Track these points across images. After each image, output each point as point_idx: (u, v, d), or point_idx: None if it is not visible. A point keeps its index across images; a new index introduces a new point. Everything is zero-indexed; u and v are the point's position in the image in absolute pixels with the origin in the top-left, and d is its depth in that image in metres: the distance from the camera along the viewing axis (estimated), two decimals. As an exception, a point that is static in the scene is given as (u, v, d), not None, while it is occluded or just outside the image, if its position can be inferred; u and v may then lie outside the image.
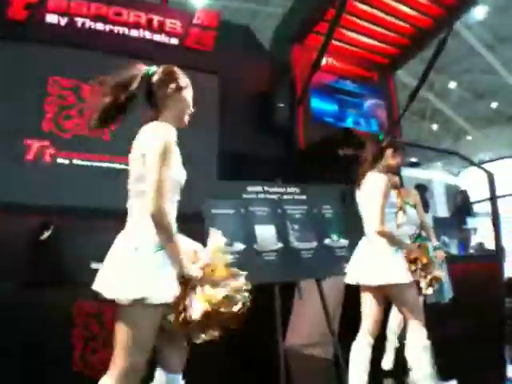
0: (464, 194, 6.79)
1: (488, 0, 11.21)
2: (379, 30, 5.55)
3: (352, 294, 3.25)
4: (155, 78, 1.71)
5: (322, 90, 5.44)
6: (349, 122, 5.54)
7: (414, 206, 3.44)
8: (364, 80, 5.89)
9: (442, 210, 7.19)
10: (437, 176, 11.28)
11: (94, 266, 3.31)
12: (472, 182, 11.29)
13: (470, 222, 6.27)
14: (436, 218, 5.54)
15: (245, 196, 3.29)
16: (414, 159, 7.52)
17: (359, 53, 5.84)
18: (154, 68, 1.73)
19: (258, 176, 3.48)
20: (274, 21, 5.91)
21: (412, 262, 2.59)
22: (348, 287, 3.89)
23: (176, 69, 1.86)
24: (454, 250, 5.39)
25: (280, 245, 3.21)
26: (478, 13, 11.55)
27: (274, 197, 3.37)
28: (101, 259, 3.27)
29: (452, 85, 15.53)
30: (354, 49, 5.76)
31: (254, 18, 10.37)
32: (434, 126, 18.19)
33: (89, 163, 4.30)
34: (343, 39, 5.59)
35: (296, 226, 3.34)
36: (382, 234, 2.41)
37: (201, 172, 4.63)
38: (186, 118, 1.86)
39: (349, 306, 3.82)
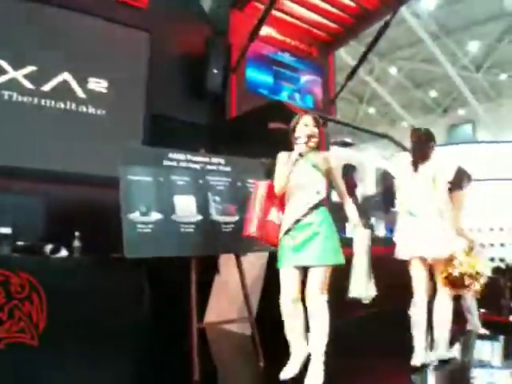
0: (392, 177, 6.89)
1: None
2: (323, 5, 5.46)
3: (273, 271, 3.22)
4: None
5: (258, 60, 5.31)
6: (283, 96, 5.44)
7: None
8: (303, 55, 5.79)
9: (370, 192, 7.28)
10: (368, 158, 11.44)
11: (1, 231, 3.07)
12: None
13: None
14: (364, 197, 5.58)
15: (166, 163, 3.13)
16: (348, 139, 7.54)
17: (301, 27, 5.74)
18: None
19: (185, 143, 3.32)
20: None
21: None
22: (270, 264, 3.89)
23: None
24: (380, 233, 5.44)
25: (200, 217, 3.08)
26: (428, 3, 11.67)
27: (197, 166, 3.23)
28: (8, 223, 3.06)
29: (392, 70, 15.77)
30: (296, 22, 5.66)
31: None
32: (371, 110, 18.50)
33: None
34: (285, 11, 5.46)
35: (218, 198, 3.21)
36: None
37: (125, 135, 4.50)
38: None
39: (269, 282, 3.79)
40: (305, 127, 2.81)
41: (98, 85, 4.35)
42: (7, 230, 3.08)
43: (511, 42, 13.09)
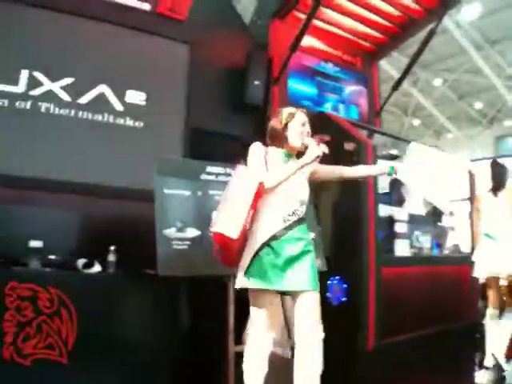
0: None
1: (480, 1, 11.05)
2: (366, 14, 5.24)
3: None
4: None
5: (301, 71, 5.14)
6: (327, 107, 5.25)
7: None
8: (346, 65, 5.60)
9: (417, 206, 6.96)
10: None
11: (32, 244, 3.00)
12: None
13: (447, 221, 6.04)
14: (411, 214, 5.29)
15: (203, 177, 3.00)
16: (394, 152, 7.28)
17: (343, 37, 5.54)
18: None
19: (225, 157, 3.19)
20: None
21: None
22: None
23: None
24: (427, 249, 5.09)
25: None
26: (470, 13, 11.35)
27: (234, 180, 3.09)
28: (40, 237, 2.98)
29: (437, 82, 15.47)
30: (339, 32, 5.46)
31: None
32: (416, 122, 18.17)
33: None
34: (327, 20, 5.28)
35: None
36: None
37: (165, 148, 4.43)
38: None
39: None
40: (302, 126, 2.52)
41: (136, 97, 4.27)
42: (38, 244, 3.00)
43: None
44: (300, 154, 2.46)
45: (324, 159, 2.46)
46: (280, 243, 2.33)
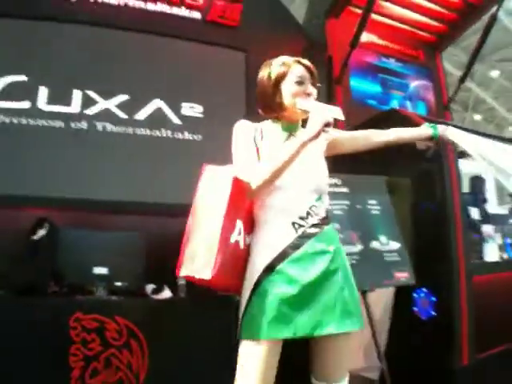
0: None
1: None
2: (425, 3, 4.95)
3: (400, 309, 2.80)
4: None
5: (362, 68, 4.86)
6: (393, 105, 4.92)
7: None
8: (409, 59, 5.28)
9: (493, 203, 6.53)
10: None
11: (96, 271, 2.86)
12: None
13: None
14: (493, 214, 4.88)
15: (274, 188, 2.76)
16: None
17: (403, 29, 5.23)
18: None
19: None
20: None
21: None
22: (398, 297, 3.42)
23: None
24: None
25: (319, 248, 2.67)
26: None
27: (311, 189, 2.82)
28: (104, 263, 2.84)
29: (494, 73, 14.96)
30: (398, 24, 5.16)
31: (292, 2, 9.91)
32: (477, 117, 17.59)
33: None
34: (385, 13, 5.00)
35: (337, 225, 2.77)
36: None
37: (227, 160, 4.20)
38: None
39: (398, 321, 3.36)
40: (298, 83, 1.78)
41: (193, 110, 4.13)
42: (103, 271, 2.86)
43: None
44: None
45: (394, 161, 2.09)
46: (293, 263, 1.62)
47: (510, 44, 12.90)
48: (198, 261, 1.54)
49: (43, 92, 3.71)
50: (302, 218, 1.66)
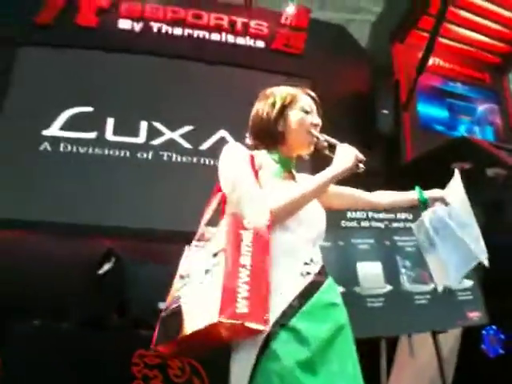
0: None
1: None
2: (490, 24, 4.83)
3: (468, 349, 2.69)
4: None
5: (429, 93, 4.77)
6: (461, 130, 4.79)
7: None
8: (476, 82, 5.14)
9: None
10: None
11: (161, 306, 2.88)
12: None
13: None
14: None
15: (344, 224, 2.73)
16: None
17: (468, 51, 5.12)
18: None
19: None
20: (367, 28, 5.29)
21: None
22: (466, 335, 3.30)
23: None
24: None
25: (389, 287, 2.59)
26: None
27: (381, 225, 2.77)
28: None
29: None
30: (463, 46, 5.06)
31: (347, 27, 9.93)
32: None
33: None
34: (450, 36, 4.91)
35: (408, 263, 2.70)
36: None
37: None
38: None
39: (464, 362, 3.24)
40: (308, 114, 1.58)
41: None
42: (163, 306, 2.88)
43: None
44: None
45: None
46: (303, 318, 1.31)
47: None
48: (240, 303, 1.18)
49: (110, 123, 3.84)
50: (307, 264, 1.39)
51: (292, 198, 1.36)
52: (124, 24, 4.00)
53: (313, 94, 1.64)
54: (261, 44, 4.33)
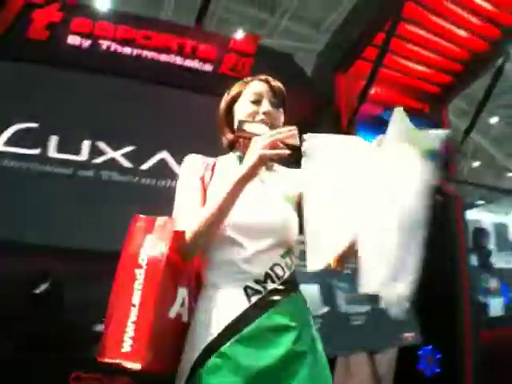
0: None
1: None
2: (431, 55, 5.07)
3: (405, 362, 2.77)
4: None
5: (368, 122, 4.93)
6: (399, 159, 4.97)
7: None
8: (415, 112, 5.34)
9: (496, 256, 6.51)
10: (485, 216, 10.58)
11: (97, 329, 2.83)
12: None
13: None
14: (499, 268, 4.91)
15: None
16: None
17: (409, 81, 5.32)
18: None
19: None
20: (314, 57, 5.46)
21: None
22: (402, 354, 3.40)
23: None
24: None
25: (325, 309, 2.66)
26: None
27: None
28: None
29: (493, 120, 15.14)
30: (404, 76, 5.25)
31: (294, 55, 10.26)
32: (476, 163, 17.72)
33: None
34: (392, 66, 5.10)
35: (344, 285, 2.79)
36: None
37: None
38: None
39: (401, 376, 3.33)
40: (254, 102, 1.45)
41: None
42: (102, 328, 2.83)
43: None
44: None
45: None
46: (241, 344, 1.19)
47: (509, 89, 13.06)
48: (126, 343, 1.15)
49: (54, 139, 3.77)
50: (258, 282, 1.25)
51: (199, 220, 1.23)
52: (73, 40, 3.95)
53: (270, 79, 1.52)
54: (208, 67, 4.37)
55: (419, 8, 4.37)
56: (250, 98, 1.46)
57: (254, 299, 1.24)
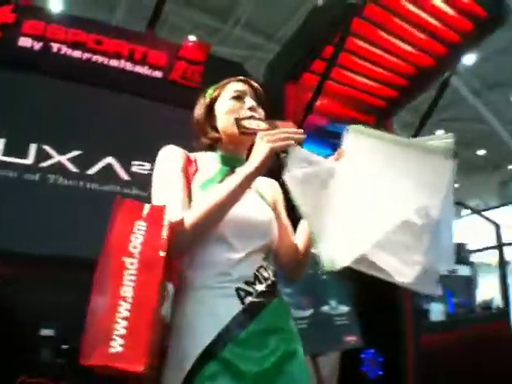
0: (461, 245, 6.44)
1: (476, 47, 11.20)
2: (377, 69, 5.20)
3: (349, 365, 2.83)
4: None
5: (315, 133, 5.04)
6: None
7: None
8: (360, 124, 5.47)
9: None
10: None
11: (43, 333, 2.78)
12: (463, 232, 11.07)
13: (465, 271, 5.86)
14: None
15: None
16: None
17: (356, 94, 5.45)
18: None
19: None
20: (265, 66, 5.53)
21: None
22: (346, 357, 3.49)
23: None
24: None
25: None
26: (467, 60, 11.45)
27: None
28: (53, 325, 2.77)
29: (439, 133, 15.56)
30: (351, 90, 5.38)
31: (245, 64, 10.35)
32: None
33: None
34: (339, 79, 5.21)
35: (289, 290, 2.85)
36: None
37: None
38: None
39: (345, 378, 3.42)
40: (235, 99, 1.50)
41: (142, 167, 4.18)
42: (49, 332, 2.80)
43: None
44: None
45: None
46: (238, 347, 1.15)
47: (454, 103, 13.54)
48: (115, 342, 1.02)
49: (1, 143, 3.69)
50: (248, 283, 1.23)
51: (199, 212, 1.16)
52: (24, 42, 3.87)
53: (251, 81, 1.58)
54: (158, 74, 4.38)
55: (367, 24, 4.48)
56: (230, 96, 1.50)
57: (246, 301, 1.21)
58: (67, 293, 3.03)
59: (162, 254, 1.09)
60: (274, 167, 1.24)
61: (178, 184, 1.29)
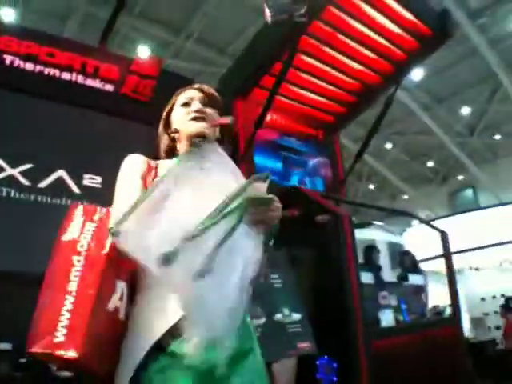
0: (411, 254, 6.65)
1: (424, 62, 11.63)
2: (325, 85, 5.36)
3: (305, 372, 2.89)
4: None
5: (266, 146, 5.15)
6: (294, 181, 5.22)
7: None
8: (309, 138, 5.64)
9: (387, 271, 7.00)
10: (380, 236, 11.30)
11: (0, 347, 2.74)
12: (413, 241, 11.43)
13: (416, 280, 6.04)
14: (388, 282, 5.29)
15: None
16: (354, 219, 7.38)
17: (304, 109, 5.60)
18: None
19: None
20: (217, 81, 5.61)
21: None
22: (302, 365, 3.55)
23: None
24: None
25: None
26: (415, 75, 11.82)
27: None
28: (10, 339, 2.72)
29: (388, 146, 15.95)
30: (300, 105, 5.52)
31: (197, 78, 10.39)
32: (371, 186, 18.56)
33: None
34: (288, 95, 5.35)
35: (242, 299, 2.92)
36: None
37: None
38: None
39: None
40: (186, 105, 1.61)
41: (93, 180, 4.18)
42: (6, 346, 2.77)
43: (501, 102, 13.23)
44: None
45: (295, 234, 2.08)
46: (188, 344, 1.12)
47: (404, 117, 13.98)
48: (59, 332, 1.10)
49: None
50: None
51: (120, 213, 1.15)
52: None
53: (202, 86, 1.68)
54: (110, 88, 4.39)
55: (315, 41, 4.63)
56: (181, 103, 1.59)
57: None
58: (24, 307, 3.01)
59: (104, 252, 1.21)
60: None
61: (132, 190, 1.35)
